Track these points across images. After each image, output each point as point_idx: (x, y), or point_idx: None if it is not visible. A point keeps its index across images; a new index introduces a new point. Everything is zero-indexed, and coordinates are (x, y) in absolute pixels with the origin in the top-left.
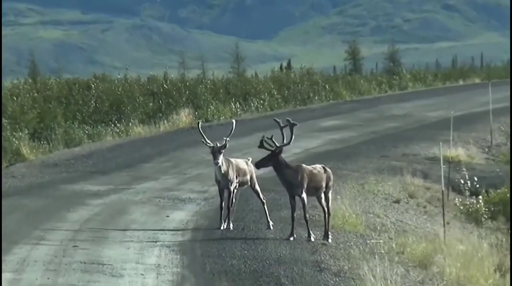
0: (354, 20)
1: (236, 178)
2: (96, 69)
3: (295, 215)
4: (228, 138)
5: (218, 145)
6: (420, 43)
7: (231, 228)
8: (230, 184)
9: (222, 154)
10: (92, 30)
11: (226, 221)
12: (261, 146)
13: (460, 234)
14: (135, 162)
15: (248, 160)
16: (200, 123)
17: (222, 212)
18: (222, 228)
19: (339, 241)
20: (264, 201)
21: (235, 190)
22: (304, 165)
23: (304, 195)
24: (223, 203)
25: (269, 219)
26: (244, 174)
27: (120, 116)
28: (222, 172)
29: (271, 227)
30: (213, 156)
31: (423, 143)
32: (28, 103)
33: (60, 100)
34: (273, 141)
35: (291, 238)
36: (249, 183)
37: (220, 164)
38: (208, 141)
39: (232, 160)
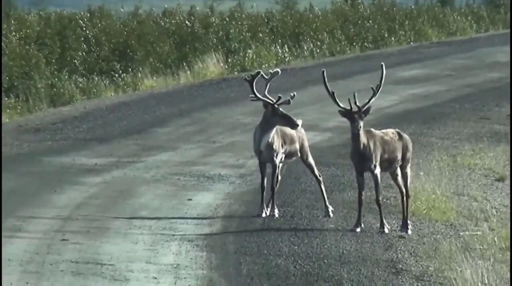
0: None
1: (282, 146)
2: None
3: (363, 197)
4: (293, 94)
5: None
6: None
7: (276, 215)
8: (275, 155)
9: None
10: None
11: (270, 205)
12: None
13: None
14: (146, 126)
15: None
16: (260, 73)
17: (264, 193)
18: (264, 215)
19: (423, 233)
20: (321, 179)
21: (281, 164)
22: (373, 130)
23: (378, 170)
24: (265, 182)
25: (327, 204)
26: (292, 142)
27: (126, 64)
28: (269, 140)
29: (331, 214)
30: (289, 119)
31: None
32: None
33: (44, 41)
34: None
35: (358, 229)
36: (298, 154)
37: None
38: (265, 97)
39: None
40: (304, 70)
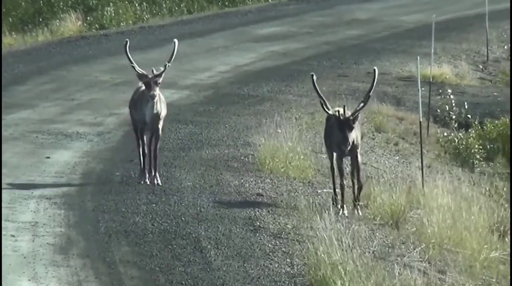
0: None
1: (163, 111)
2: None
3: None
4: (169, 63)
5: (155, 72)
6: None
7: (160, 183)
8: (160, 122)
9: (159, 85)
10: None
11: (153, 172)
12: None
13: (444, 181)
14: (5, 83)
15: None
16: (128, 42)
17: (145, 160)
18: (148, 180)
19: (280, 191)
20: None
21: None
22: None
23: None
24: (143, 149)
25: None
26: (165, 105)
27: None
28: (155, 110)
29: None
30: (147, 87)
31: (394, 58)
32: None
33: None
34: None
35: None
36: None
37: (157, 98)
38: (138, 68)
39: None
40: (162, 28)
